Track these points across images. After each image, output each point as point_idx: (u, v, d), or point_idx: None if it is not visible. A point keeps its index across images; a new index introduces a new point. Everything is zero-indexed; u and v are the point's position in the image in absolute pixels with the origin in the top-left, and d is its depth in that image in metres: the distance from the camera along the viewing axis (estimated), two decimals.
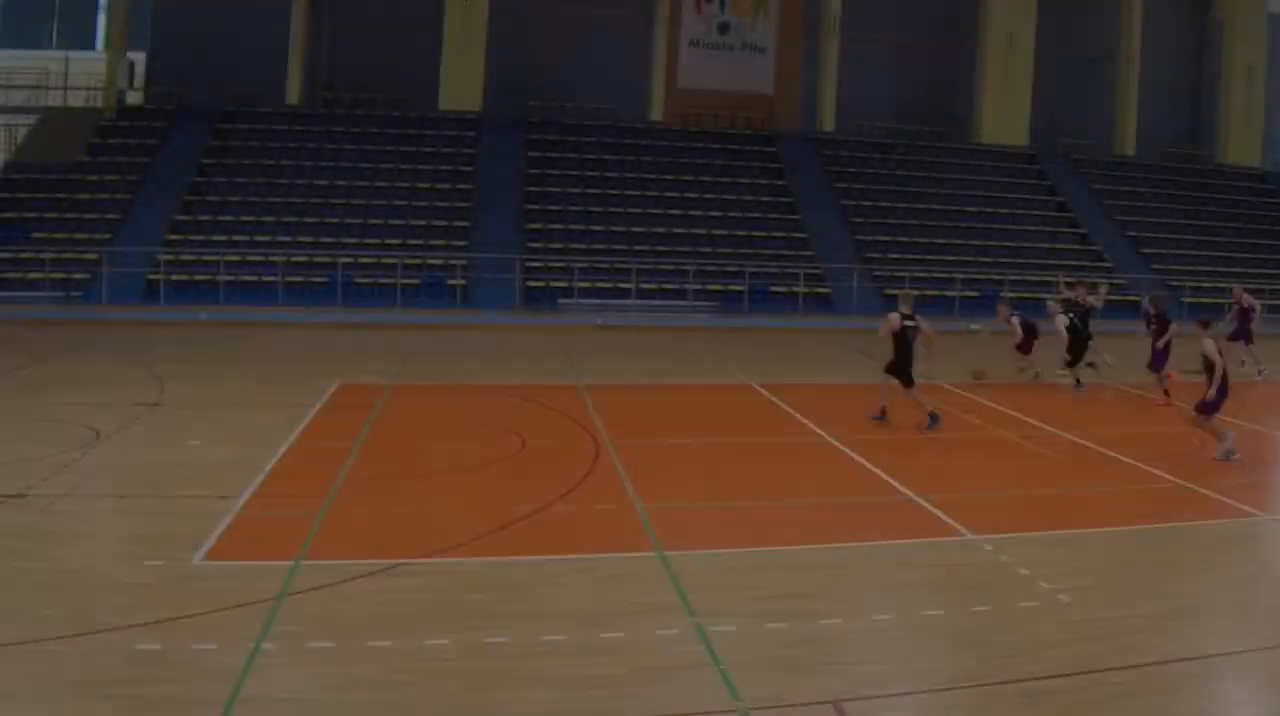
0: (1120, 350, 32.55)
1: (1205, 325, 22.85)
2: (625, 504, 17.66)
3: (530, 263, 48.71)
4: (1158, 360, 29.09)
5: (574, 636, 12.04)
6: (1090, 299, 31.86)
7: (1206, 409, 21.70)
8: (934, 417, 24.14)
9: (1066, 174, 62.31)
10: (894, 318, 24.45)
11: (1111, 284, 42.60)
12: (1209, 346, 22.02)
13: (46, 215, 47.76)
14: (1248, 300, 36.40)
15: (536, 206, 52.62)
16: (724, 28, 61.83)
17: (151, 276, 44.86)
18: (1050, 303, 32.27)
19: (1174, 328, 29.29)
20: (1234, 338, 35.09)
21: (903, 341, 24.48)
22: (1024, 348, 31.30)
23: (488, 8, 56.50)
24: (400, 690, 10.68)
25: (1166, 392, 28.00)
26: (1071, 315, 30.78)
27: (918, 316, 24.78)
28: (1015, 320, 31.66)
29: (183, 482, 18.32)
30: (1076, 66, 65.49)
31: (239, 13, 57.49)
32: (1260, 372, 33.93)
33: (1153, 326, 30.07)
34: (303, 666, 11.15)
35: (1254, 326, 36.08)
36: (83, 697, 10.30)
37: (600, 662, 11.42)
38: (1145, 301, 32.75)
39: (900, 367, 24.53)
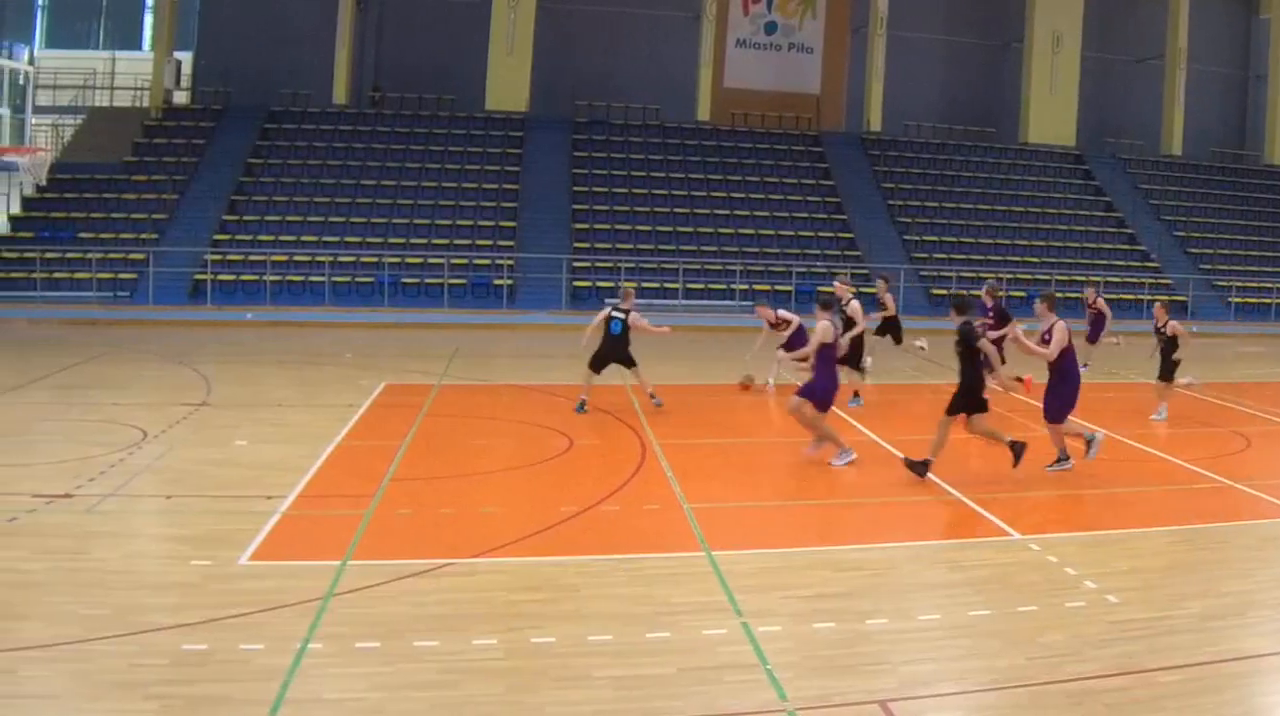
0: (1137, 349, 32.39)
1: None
2: (672, 504, 17.66)
3: (577, 263, 48.72)
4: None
5: (621, 636, 12.05)
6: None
7: (1052, 414, 21.16)
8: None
9: (1114, 174, 62.01)
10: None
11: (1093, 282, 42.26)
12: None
13: (93, 215, 47.92)
14: (1102, 304, 36.00)
15: (583, 206, 52.62)
16: (771, 28, 61.76)
17: (198, 276, 44.98)
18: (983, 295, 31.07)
19: (1014, 323, 27.61)
20: (1090, 341, 34.97)
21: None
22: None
23: (535, 8, 56.48)
24: (447, 690, 10.70)
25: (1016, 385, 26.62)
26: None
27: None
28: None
29: (229, 483, 18.37)
30: (1123, 67, 65.27)
31: (285, 13, 57.75)
32: (1084, 366, 32.15)
33: (990, 319, 29.01)
34: (349, 666, 11.19)
35: (1103, 334, 35.37)
36: (129, 697, 10.33)
37: (647, 663, 11.43)
38: (983, 292, 31.11)
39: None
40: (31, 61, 57.05)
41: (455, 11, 58.58)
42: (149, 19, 62.79)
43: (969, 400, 19.91)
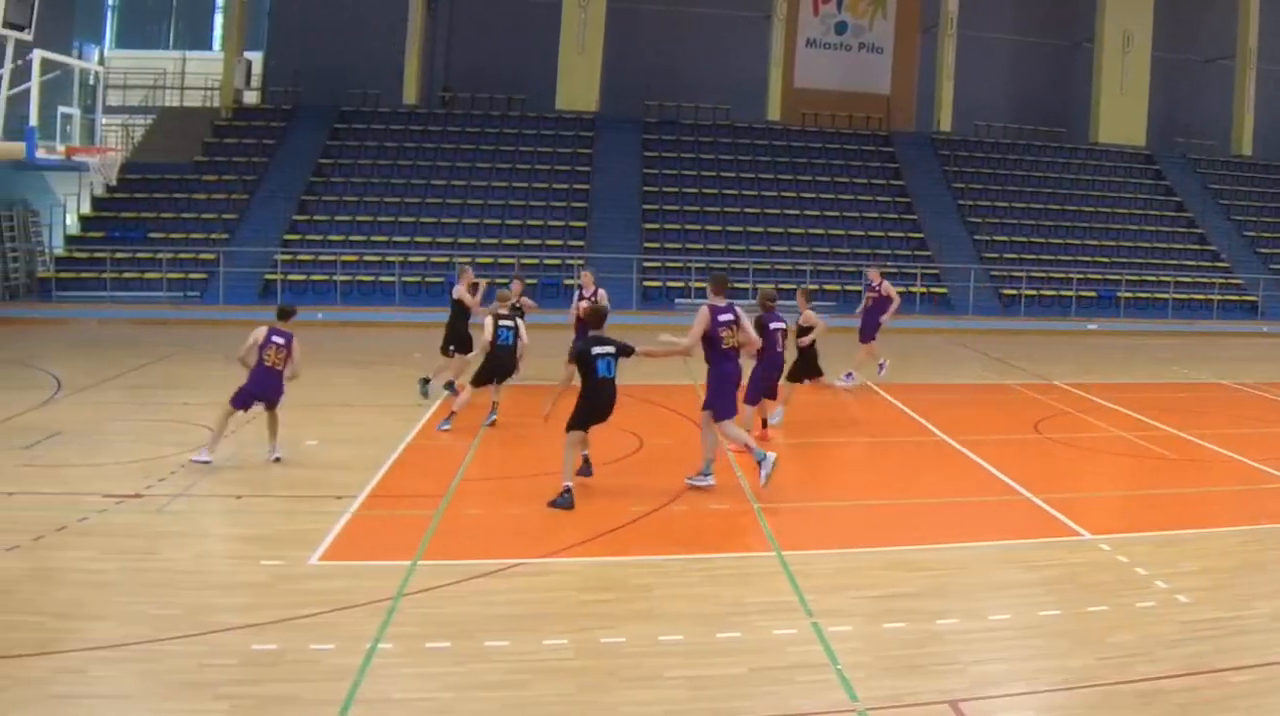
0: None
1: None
2: (742, 503, 17.72)
3: (647, 263, 48.75)
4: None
5: (691, 636, 12.09)
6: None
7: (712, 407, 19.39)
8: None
9: (1184, 174, 61.58)
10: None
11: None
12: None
13: (164, 215, 48.09)
14: (888, 287, 31.02)
15: (653, 206, 52.57)
16: (841, 28, 61.56)
17: (268, 276, 45.09)
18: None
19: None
20: (866, 337, 30.71)
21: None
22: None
23: (605, 7, 56.36)
24: (517, 690, 10.76)
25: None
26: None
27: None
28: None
29: (299, 483, 18.51)
30: (1193, 66, 64.80)
31: (356, 12, 57.73)
32: (848, 377, 29.22)
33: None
34: (420, 666, 11.25)
35: (886, 318, 30.65)
36: (199, 697, 10.42)
37: (718, 663, 11.46)
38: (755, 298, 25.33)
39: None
40: (102, 62, 57.09)
41: (526, 11, 58.54)
42: (219, 19, 63.01)
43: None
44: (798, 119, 58.97)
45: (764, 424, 22.27)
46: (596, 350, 18.03)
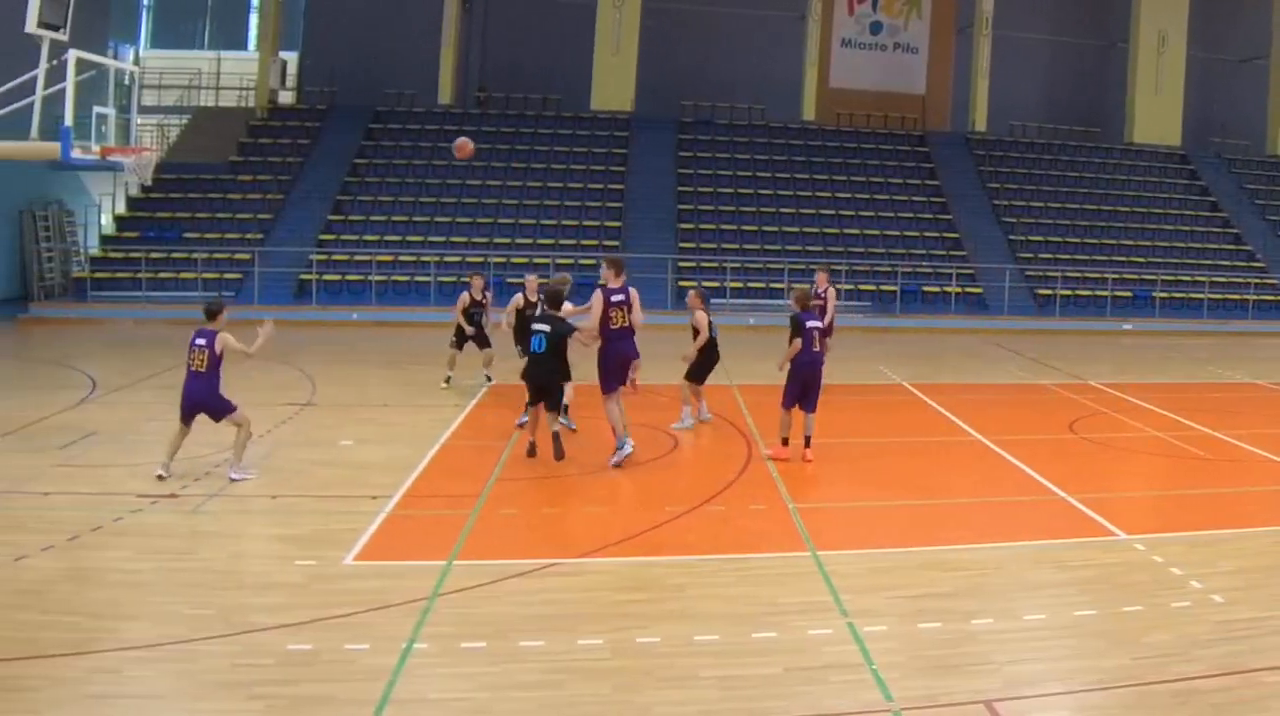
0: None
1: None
2: (778, 503, 17.72)
3: (682, 263, 48.62)
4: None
5: (726, 636, 12.11)
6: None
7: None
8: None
9: (1219, 174, 61.31)
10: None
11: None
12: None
13: (199, 215, 48.14)
14: (831, 295, 28.30)
15: (688, 206, 52.47)
16: (876, 28, 61.52)
17: (303, 276, 45.12)
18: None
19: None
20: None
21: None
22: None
23: (640, 7, 56.36)
24: (553, 690, 10.78)
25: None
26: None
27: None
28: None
29: (334, 483, 18.55)
30: (1228, 66, 64.60)
31: (391, 13, 57.89)
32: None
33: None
34: (455, 666, 11.28)
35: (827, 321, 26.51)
36: (234, 697, 10.47)
37: (753, 662, 11.48)
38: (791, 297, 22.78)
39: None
40: (137, 62, 57.18)
41: (560, 11, 58.63)
42: (254, 19, 63.09)
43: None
44: (833, 119, 58.87)
45: (806, 442, 20.91)
46: (534, 327, 19.40)
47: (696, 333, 23.61)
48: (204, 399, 18.65)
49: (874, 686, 10.90)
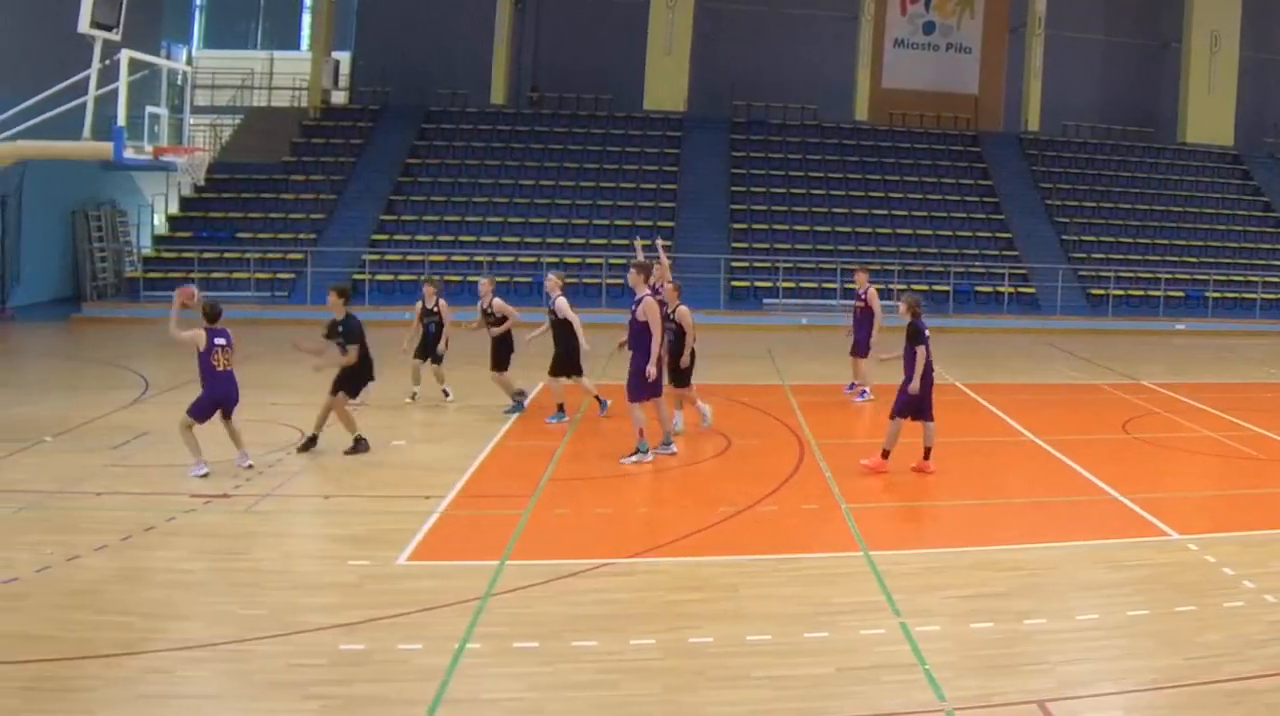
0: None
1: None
2: (830, 503, 17.72)
3: (735, 262, 48.61)
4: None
5: (779, 636, 12.11)
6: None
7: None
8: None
9: (1272, 173, 60.93)
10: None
11: None
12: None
13: (251, 215, 48.32)
14: (873, 297, 27.46)
15: (741, 206, 52.41)
16: (929, 28, 61.37)
17: (356, 276, 44.83)
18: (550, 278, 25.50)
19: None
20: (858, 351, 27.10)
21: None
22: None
23: (693, 7, 56.33)
24: (605, 690, 10.81)
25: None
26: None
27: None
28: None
29: (387, 483, 18.63)
30: None
31: (443, 13, 57.89)
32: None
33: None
34: (508, 666, 11.31)
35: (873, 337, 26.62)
36: (288, 697, 10.51)
37: (805, 662, 11.49)
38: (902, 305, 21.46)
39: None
40: (190, 62, 57.33)
41: (613, 11, 58.58)
42: (307, 19, 63.18)
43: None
44: (885, 119, 58.77)
45: (926, 453, 20.26)
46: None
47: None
48: (234, 394, 19.41)
49: (927, 686, 10.89)
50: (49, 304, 45.01)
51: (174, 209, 49.96)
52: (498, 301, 25.16)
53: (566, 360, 23.63)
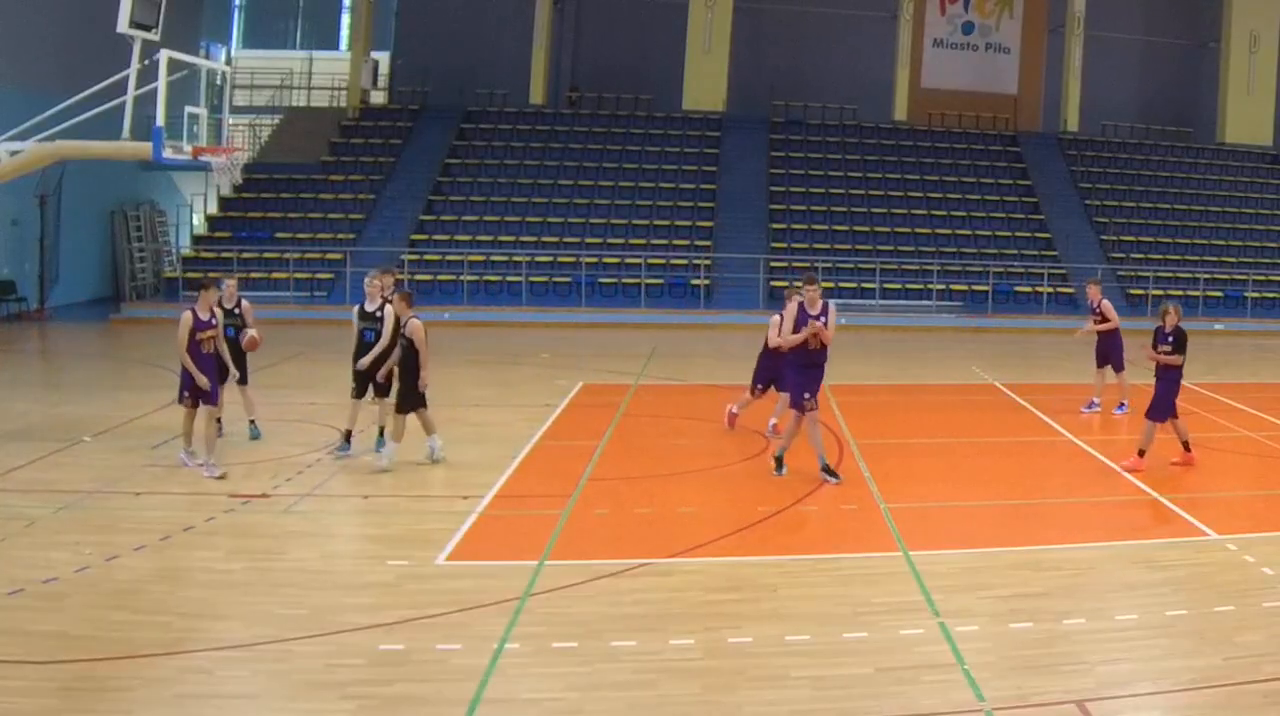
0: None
1: None
2: (869, 503, 17.74)
3: (774, 263, 48.39)
4: None
5: (818, 636, 12.14)
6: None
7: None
8: None
9: None
10: None
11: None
12: None
13: (290, 215, 48.42)
14: (1108, 308, 26.67)
15: (780, 206, 52.33)
16: (968, 28, 61.32)
17: (396, 276, 45.02)
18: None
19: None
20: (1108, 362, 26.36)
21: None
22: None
23: (732, 7, 56.29)
24: (644, 690, 10.82)
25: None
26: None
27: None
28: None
29: (426, 483, 18.77)
30: None
31: (482, 13, 57.99)
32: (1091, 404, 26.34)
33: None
34: (546, 666, 11.36)
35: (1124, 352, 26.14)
36: (327, 697, 10.56)
37: (844, 662, 11.52)
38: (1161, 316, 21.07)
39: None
40: (229, 62, 57.50)
41: (652, 11, 58.52)
42: (346, 19, 63.37)
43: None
44: (924, 119, 58.60)
45: (1186, 447, 20.48)
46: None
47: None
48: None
49: (966, 686, 10.89)
50: (87, 304, 45.34)
51: (213, 209, 49.96)
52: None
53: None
